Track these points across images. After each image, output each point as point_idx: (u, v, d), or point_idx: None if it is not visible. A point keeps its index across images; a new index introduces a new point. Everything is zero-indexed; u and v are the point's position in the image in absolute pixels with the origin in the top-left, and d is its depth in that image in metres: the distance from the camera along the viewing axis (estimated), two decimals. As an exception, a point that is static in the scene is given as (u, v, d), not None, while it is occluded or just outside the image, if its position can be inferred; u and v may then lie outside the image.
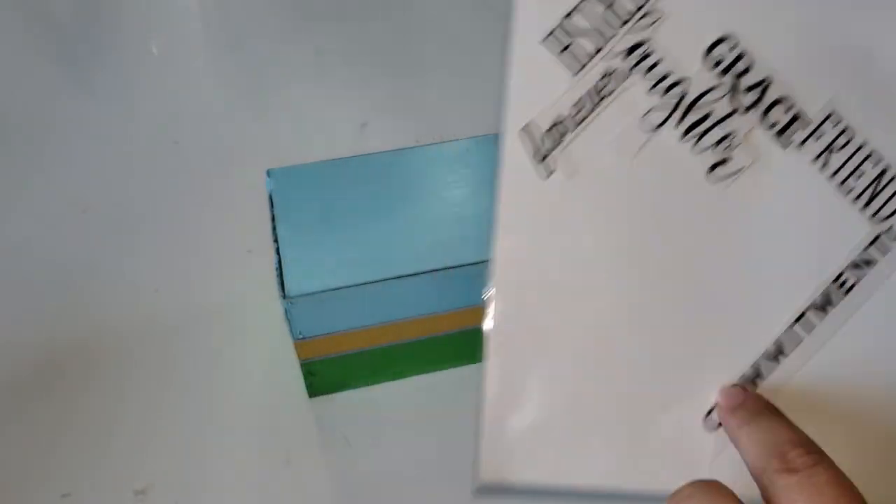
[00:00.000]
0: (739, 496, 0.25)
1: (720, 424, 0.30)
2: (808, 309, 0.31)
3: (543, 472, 0.30)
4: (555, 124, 0.30)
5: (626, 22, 0.30)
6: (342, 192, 0.44)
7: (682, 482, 0.26)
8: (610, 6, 0.30)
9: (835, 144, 0.31)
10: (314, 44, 0.68)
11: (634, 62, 0.30)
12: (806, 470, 0.25)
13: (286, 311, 0.41)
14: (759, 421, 0.29)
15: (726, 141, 0.30)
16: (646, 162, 0.30)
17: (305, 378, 0.46)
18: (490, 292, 0.30)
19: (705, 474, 0.26)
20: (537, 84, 0.30)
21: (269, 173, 0.44)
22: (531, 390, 0.30)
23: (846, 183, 0.31)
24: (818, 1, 0.30)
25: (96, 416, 0.47)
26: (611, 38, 0.30)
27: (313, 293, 0.40)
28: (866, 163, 0.31)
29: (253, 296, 0.52)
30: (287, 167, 0.45)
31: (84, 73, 0.66)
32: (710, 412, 0.30)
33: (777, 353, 0.31)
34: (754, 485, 0.26)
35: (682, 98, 0.30)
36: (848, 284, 0.30)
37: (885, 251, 0.31)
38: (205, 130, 0.62)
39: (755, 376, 0.31)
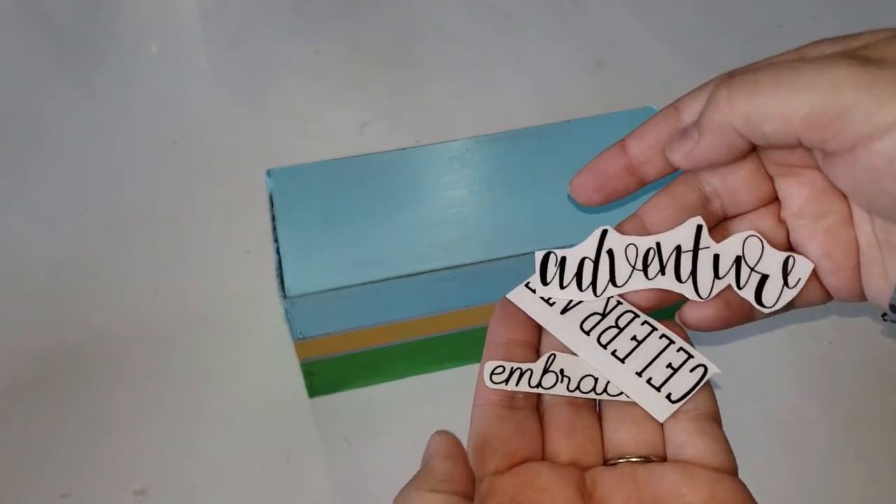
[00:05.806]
0: None
1: None
2: None
3: None
4: None
5: None
6: (342, 192, 0.44)
7: None
8: None
9: None
10: (314, 44, 0.68)
11: None
12: None
13: (286, 311, 0.41)
14: None
15: None
16: None
17: (305, 378, 0.46)
18: None
19: None
20: None
21: (268, 173, 0.44)
22: None
23: None
24: None
25: (96, 416, 0.47)
26: None
27: (313, 293, 0.40)
28: None
29: (252, 296, 0.52)
30: (287, 167, 0.45)
31: (83, 73, 0.66)
32: None
33: None
34: None
35: None
36: None
37: None
38: (204, 130, 0.62)
39: None
